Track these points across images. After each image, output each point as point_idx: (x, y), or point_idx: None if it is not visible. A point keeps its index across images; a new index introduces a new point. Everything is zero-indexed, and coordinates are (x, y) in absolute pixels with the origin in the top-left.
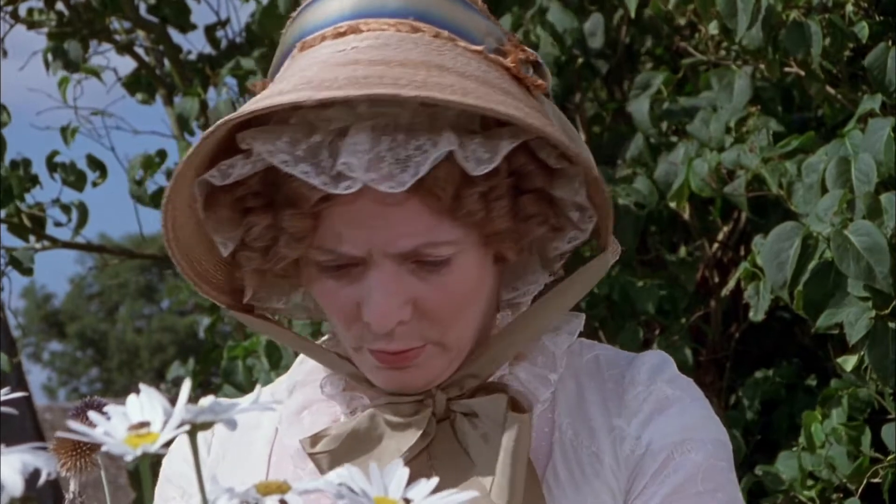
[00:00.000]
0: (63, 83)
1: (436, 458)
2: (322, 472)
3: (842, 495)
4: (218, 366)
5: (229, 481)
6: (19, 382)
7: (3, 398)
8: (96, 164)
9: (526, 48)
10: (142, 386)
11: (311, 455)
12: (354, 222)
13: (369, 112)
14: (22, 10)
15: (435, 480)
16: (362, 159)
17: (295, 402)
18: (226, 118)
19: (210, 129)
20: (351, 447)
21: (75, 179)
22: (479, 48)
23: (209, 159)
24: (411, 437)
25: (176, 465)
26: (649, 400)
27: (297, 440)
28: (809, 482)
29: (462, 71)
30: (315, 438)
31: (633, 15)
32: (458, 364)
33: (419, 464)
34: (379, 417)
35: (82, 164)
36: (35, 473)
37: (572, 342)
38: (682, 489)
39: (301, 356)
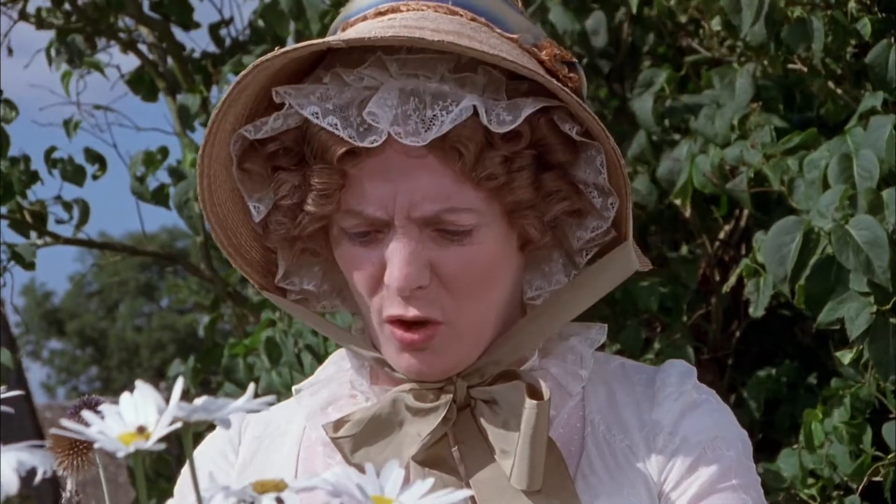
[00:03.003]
0: (66, 77)
1: (458, 443)
2: (345, 456)
3: (842, 493)
4: (218, 364)
5: None
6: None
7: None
8: (94, 158)
9: (562, 48)
10: (138, 382)
11: (333, 440)
12: (379, 182)
13: (400, 73)
14: (31, 8)
15: (430, 482)
16: (388, 113)
17: (321, 398)
18: (257, 61)
19: (243, 72)
20: (372, 432)
21: (74, 173)
22: (514, 36)
23: (243, 121)
24: (432, 422)
25: (207, 462)
26: (680, 400)
27: (322, 430)
28: (810, 480)
29: (493, 45)
30: (338, 424)
31: (634, 11)
32: (478, 353)
33: (441, 449)
34: (400, 403)
35: (81, 160)
36: (32, 471)
37: (598, 343)
38: (718, 481)
39: (328, 360)
